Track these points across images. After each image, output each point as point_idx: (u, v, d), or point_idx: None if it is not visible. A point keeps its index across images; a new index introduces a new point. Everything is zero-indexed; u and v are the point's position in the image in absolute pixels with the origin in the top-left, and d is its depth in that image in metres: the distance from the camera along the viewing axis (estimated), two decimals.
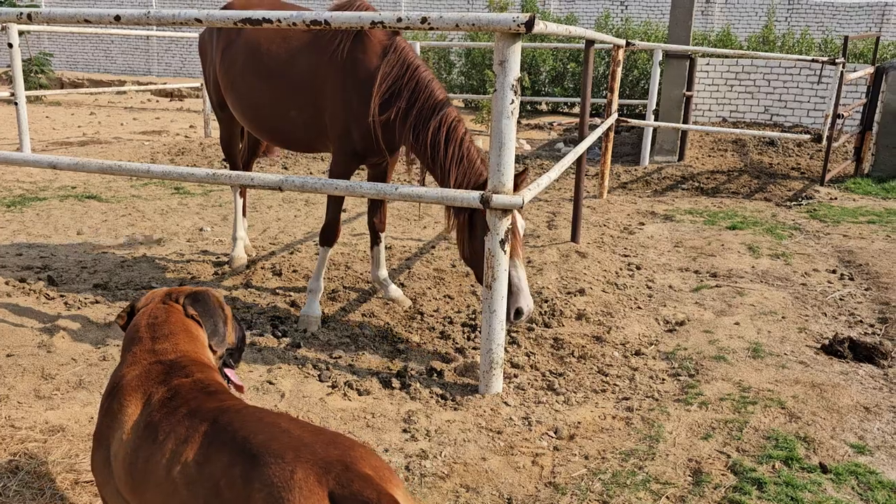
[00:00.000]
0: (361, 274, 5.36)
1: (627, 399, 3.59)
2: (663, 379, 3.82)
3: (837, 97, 8.56)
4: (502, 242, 3.35)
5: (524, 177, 3.63)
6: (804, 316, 4.76)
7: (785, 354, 4.12)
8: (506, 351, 3.94)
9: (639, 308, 4.87)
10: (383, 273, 4.87)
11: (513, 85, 3.14)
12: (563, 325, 4.49)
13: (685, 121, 10.13)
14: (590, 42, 5.73)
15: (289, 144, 4.76)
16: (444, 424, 3.28)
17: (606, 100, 7.33)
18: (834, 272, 5.67)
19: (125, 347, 2.13)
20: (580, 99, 6.05)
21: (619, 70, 7.25)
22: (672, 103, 10.16)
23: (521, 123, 14.18)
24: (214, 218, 7.01)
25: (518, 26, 2.99)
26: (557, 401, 3.56)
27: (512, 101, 3.16)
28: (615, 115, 7.35)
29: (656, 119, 9.98)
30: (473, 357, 4.00)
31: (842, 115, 8.61)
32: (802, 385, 3.71)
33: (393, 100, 4.04)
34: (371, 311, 4.63)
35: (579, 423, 3.33)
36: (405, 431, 3.22)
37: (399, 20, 3.16)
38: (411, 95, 4.01)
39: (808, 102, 12.10)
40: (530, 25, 2.98)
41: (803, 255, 6.12)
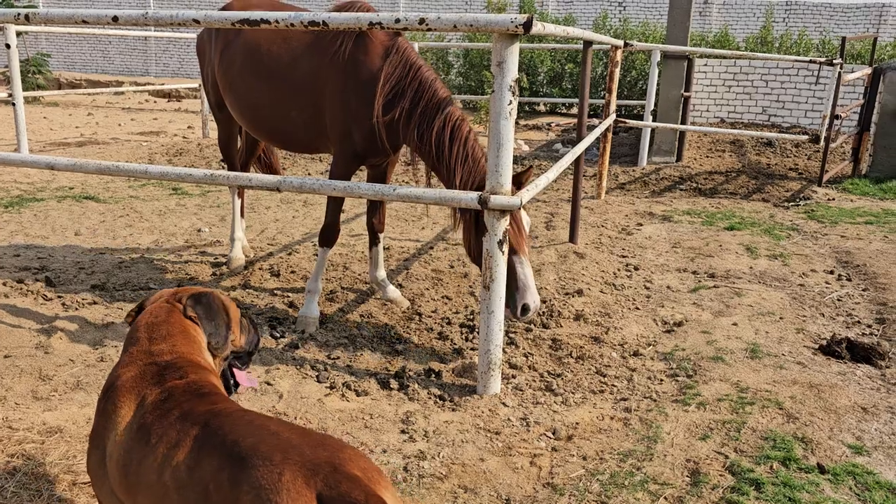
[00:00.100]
0: (360, 275, 5.36)
1: (625, 400, 3.59)
2: (661, 380, 3.82)
3: (835, 98, 8.57)
4: (500, 243, 3.35)
5: (528, 174, 3.70)
6: (802, 316, 4.76)
7: (783, 355, 4.13)
8: (504, 352, 3.94)
9: (637, 309, 4.87)
10: (381, 274, 4.87)
11: (511, 86, 3.14)
12: (562, 326, 4.50)
13: (683, 121, 10.14)
14: (588, 43, 5.74)
15: (288, 145, 4.75)
16: (443, 425, 3.28)
17: (604, 100, 7.34)
18: (832, 273, 5.68)
19: (124, 347, 2.13)
20: (578, 100, 6.05)
21: (617, 71, 7.26)
22: (670, 104, 10.18)
23: (520, 124, 14.19)
24: (212, 219, 7.01)
25: (516, 27, 2.99)
26: (555, 401, 3.56)
27: (510, 102, 3.16)
28: (613, 116, 7.35)
29: (654, 120, 9.98)
30: (471, 358, 4.00)
31: (839, 116, 8.62)
32: (800, 385, 3.71)
33: (396, 100, 4.04)
34: (369, 312, 4.63)
35: (577, 424, 3.33)
36: (403, 432, 3.22)
37: (397, 21, 3.16)
38: (414, 95, 4.01)
39: (806, 103, 12.13)
40: (528, 26, 2.99)
41: (801, 256, 6.13)
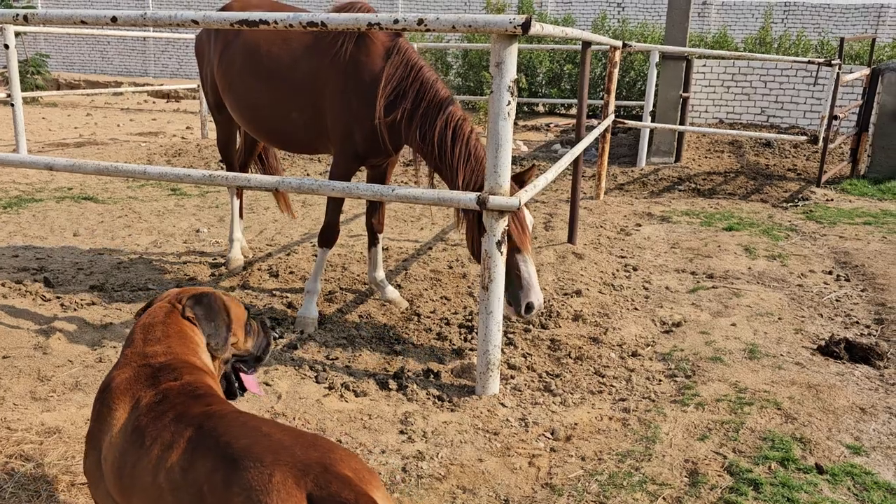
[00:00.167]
0: (358, 275, 5.36)
1: (624, 400, 3.59)
2: (660, 380, 3.83)
3: (833, 99, 8.58)
4: (499, 244, 3.35)
5: (531, 173, 3.76)
6: (800, 317, 4.76)
7: (781, 355, 4.13)
8: (502, 352, 3.94)
9: (635, 309, 4.87)
10: (380, 274, 4.87)
11: (509, 86, 3.14)
12: (560, 327, 4.50)
13: (682, 122, 10.14)
14: (586, 43, 5.74)
15: (288, 146, 4.75)
16: (441, 426, 3.28)
17: (603, 101, 7.34)
18: (830, 273, 5.68)
19: (122, 347, 2.13)
20: (577, 100, 6.06)
21: (616, 71, 7.26)
22: (669, 105, 10.18)
23: (518, 125, 14.20)
24: (211, 219, 7.00)
25: (514, 28, 2.99)
26: (554, 402, 3.56)
27: (508, 103, 3.16)
28: (612, 117, 7.36)
29: (653, 120, 9.99)
30: (470, 358, 4.00)
31: (838, 117, 8.63)
32: (798, 386, 3.71)
33: (398, 101, 4.04)
34: (368, 313, 4.63)
35: (576, 425, 3.33)
36: (402, 433, 3.22)
37: (395, 22, 3.16)
38: (416, 96, 4.01)
39: (805, 104, 12.14)
40: (526, 27, 2.99)
41: (799, 257, 6.13)
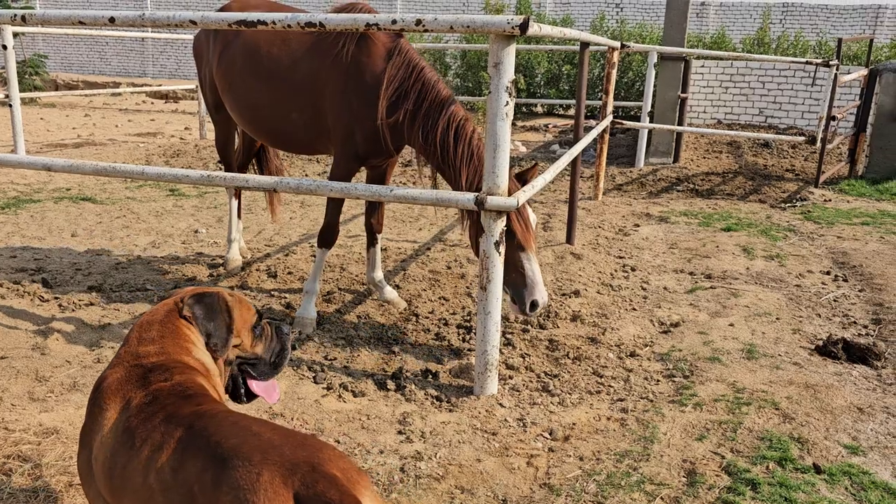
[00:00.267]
0: (357, 276, 5.36)
1: (622, 400, 3.60)
2: (658, 380, 3.83)
3: (831, 99, 8.59)
4: (497, 244, 3.35)
5: (534, 171, 3.85)
6: (798, 317, 4.77)
7: (779, 355, 4.13)
8: (501, 352, 3.94)
9: (634, 309, 4.87)
10: (379, 275, 4.87)
11: (507, 87, 3.14)
12: (559, 327, 4.50)
13: (680, 123, 10.15)
14: (585, 44, 5.75)
15: (288, 146, 4.75)
16: (439, 426, 3.28)
17: (601, 102, 7.35)
18: (828, 273, 5.69)
19: (119, 346, 2.12)
20: (575, 101, 6.06)
21: (614, 72, 7.27)
22: (667, 105, 10.19)
23: (517, 125, 14.20)
24: (209, 220, 7.00)
25: (512, 28, 2.99)
26: (552, 402, 3.57)
27: (507, 103, 3.16)
28: (610, 117, 7.36)
29: (651, 121, 10.00)
30: (468, 358, 4.00)
31: (836, 117, 8.64)
32: (796, 386, 3.72)
33: (400, 102, 4.05)
34: (366, 313, 4.63)
35: (574, 425, 3.33)
36: (400, 433, 3.22)
37: (394, 22, 3.16)
38: (418, 97, 4.02)
39: (803, 104, 12.15)
40: (524, 28, 2.99)
41: (798, 257, 6.14)
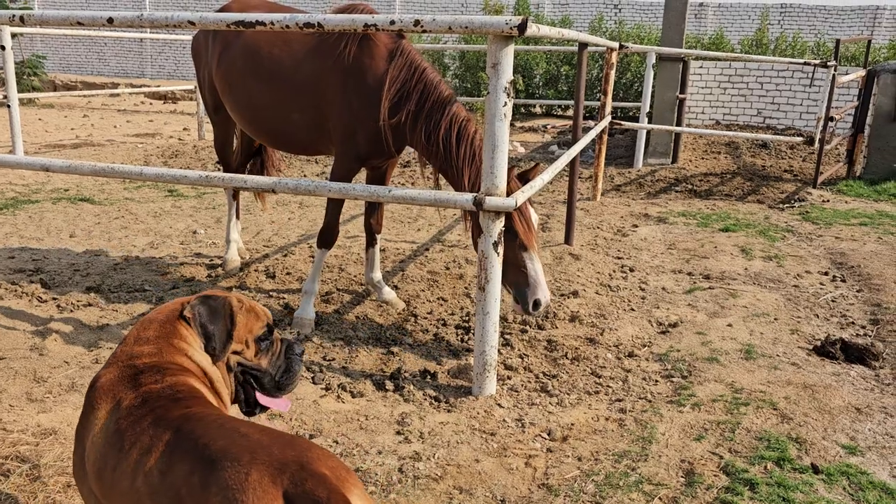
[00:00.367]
0: (355, 276, 5.36)
1: (620, 400, 3.60)
2: (656, 380, 3.83)
3: (829, 100, 8.60)
4: (495, 244, 3.36)
5: (536, 171, 3.94)
6: (796, 317, 4.78)
7: (777, 356, 4.14)
8: (499, 353, 3.94)
9: (632, 310, 4.88)
10: (377, 275, 4.87)
11: (506, 87, 3.15)
12: (557, 327, 4.50)
13: (678, 123, 10.16)
14: (583, 45, 5.76)
15: (288, 147, 4.75)
16: (438, 426, 3.28)
17: (600, 102, 7.36)
18: (826, 274, 5.69)
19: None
20: (574, 102, 6.07)
21: (613, 73, 7.28)
22: (665, 106, 10.20)
23: (515, 126, 14.21)
24: (208, 220, 7.00)
25: (511, 29, 3.00)
26: (551, 402, 3.57)
27: (505, 104, 3.17)
28: (609, 118, 7.37)
29: (650, 122, 10.01)
30: (467, 359, 4.01)
31: (834, 118, 8.65)
32: (794, 386, 3.72)
33: (402, 102, 4.06)
34: (365, 314, 4.63)
35: (572, 425, 3.33)
36: (399, 433, 3.22)
37: (392, 23, 3.16)
38: (420, 97, 4.03)
39: (801, 105, 12.16)
40: (523, 28, 2.99)
41: (796, 257, 6.15)
